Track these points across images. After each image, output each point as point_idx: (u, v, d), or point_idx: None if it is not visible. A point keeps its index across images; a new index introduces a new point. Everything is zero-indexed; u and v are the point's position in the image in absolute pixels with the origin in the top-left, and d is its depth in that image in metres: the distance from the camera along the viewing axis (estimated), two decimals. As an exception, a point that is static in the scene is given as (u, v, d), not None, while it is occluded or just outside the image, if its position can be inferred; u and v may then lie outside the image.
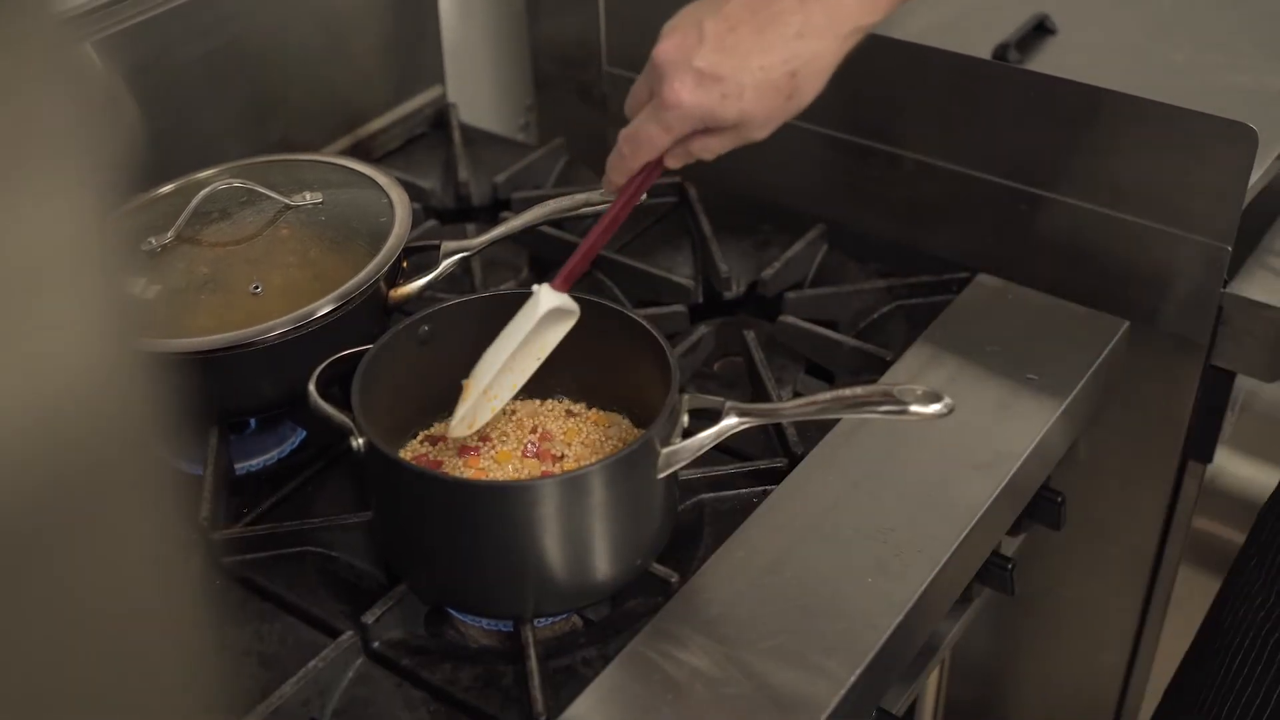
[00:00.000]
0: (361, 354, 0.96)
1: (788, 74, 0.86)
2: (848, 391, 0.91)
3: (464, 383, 0.97)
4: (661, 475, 0.91)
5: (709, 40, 0.85)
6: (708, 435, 0.91)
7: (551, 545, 0.90)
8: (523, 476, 0.98)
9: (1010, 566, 1.13)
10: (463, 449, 1.00)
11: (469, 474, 0.98)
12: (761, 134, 0.90)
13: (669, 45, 0.86)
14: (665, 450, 0.91)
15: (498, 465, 0.99)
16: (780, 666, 0.89)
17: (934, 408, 0.86)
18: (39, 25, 0.25)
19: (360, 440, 0.91)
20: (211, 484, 1.02)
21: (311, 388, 0.96)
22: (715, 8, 0.86)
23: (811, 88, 0.88)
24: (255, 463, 1.10)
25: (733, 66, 0.85)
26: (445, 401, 1.00)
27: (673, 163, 0.93)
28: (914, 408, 0.86)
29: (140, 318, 0.31)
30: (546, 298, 0.96)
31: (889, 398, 0.88)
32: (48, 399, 0.27)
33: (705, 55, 0.85)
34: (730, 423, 0.92)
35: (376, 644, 0.93)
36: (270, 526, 1.01)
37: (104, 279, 0.28)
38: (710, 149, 0.91)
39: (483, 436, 1.02)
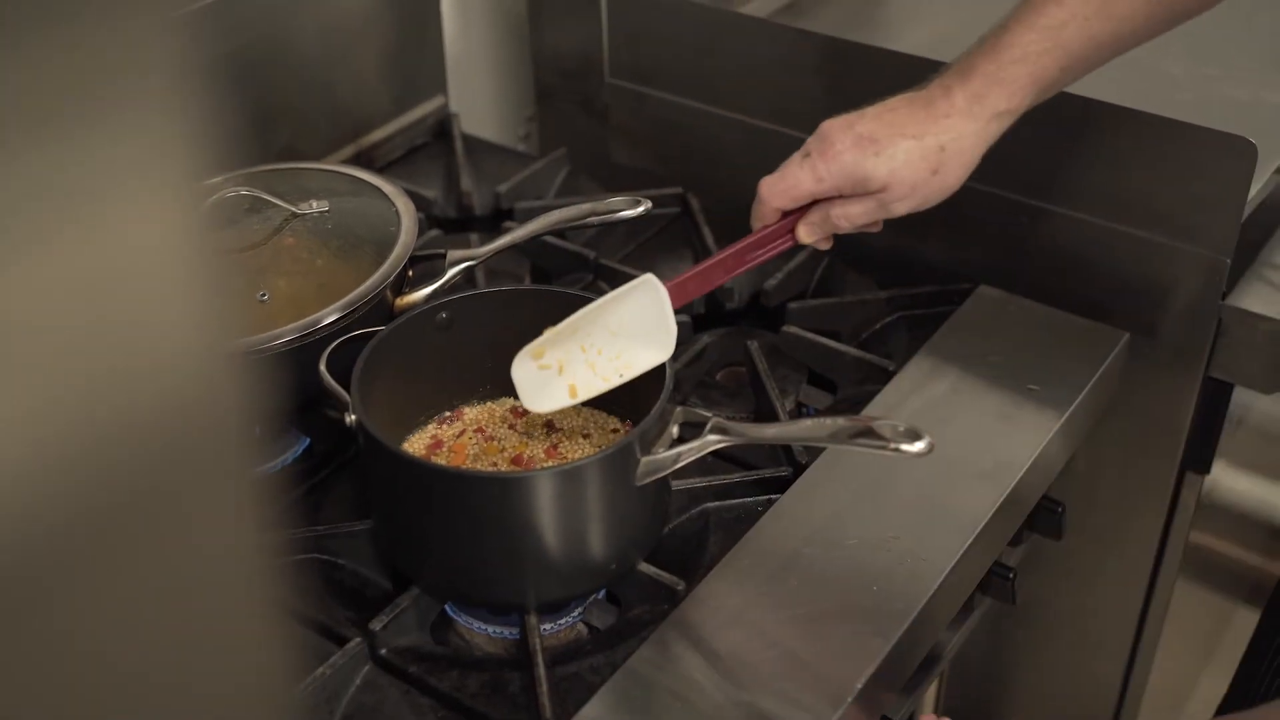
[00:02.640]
0: (373, 334, 0.98)
1: (936, 147, 0.97)
2: (829, 421, 0.91)
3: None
4: (640, 483, 0.92)
5: (869, 115, 0.98)
6: (687, 449, 0.92)
7: (523, 536, 0.91)
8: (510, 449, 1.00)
9: (1012, 576, 1.14)
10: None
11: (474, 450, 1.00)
12: (902, 207, 0.99)
13: (834, 120, 0.99)
14: (645, 459, 0.91)
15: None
16: (785, 675, 0.90)
17: (915, 446, 0.86)
18: (148, 17, 0.26)
19: (352, 417, 0.92)
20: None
21: (322, 367, 0.97)
22: (877, 102, 1.01)
23: (956, 165, 0.98)
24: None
25: (888, 134, 0.96)
26: (461, 392, 1.04)
27: (807, 234, 1.01)
28: (894, 445, 0.87)
29: (234, 317, 0.32)
30: (650, 282, 0.97)
31: (870, 432, 0.88)
32: (146, 399, 0.28)
33: (865, 124, 0.97)
34: (710, 439, 0.93)
35: (384, 651, 0.93)
36: (275, 534, 1.01)
37: (203, 277, 0.28)
38: (850, 216, 0.99)
39: (488, 435, 1.03)
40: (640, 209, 1.09)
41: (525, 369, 0.97)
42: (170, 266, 0.28)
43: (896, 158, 0.96)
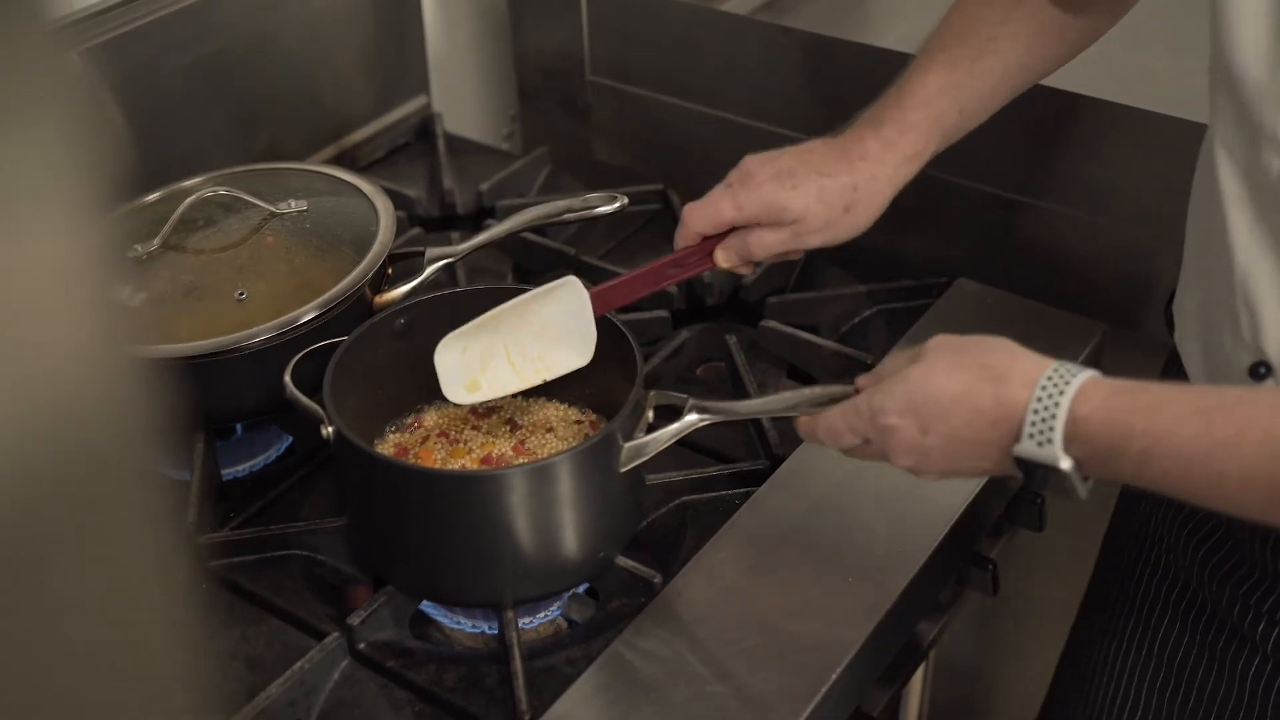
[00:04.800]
0: (336, 345, 0.98)
1: (850, 186, 1.00)
2: (807, 390, 0.91)
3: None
4: (624, 469, 0.92)
5: (789, 152, 1.02)
6: (669, 431, 0.93)
7: (513, 533, 0.92)
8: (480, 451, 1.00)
9: (992, 567, 1.14)
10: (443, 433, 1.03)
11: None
12: (814, 240, 1.02)
13: (755, 155, 1.03)
14: (628, 444, 0.92)
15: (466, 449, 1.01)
16: (760, 667, 0.90)
17: None
18: (32, 34, 0.26)
19: (329, 429, 0.92)
20: (198, 489, 1.03)
21: (287, 378, 0.97)
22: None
23: (868, 206, 1.02)
24: (242, 468, 1.11)
25: (805, 170, 1.00)
26: (420, 396, 1.03)
27: (724, 258, 1.04)
28: None
29: (131, 327, 0.32)
30: (572, 283, 0.99)
31: (847, 397, 0.88)
32: (44, 410, 0.28)
33: (785, 160, 1.01)
34: (691, 419, 0.93)
35: (362, 646, 0.94)
36: (256, 530, 1.02)
37: (99, 291, 0.29)
38: (765, 244, 1.02)
39: (453, 438, 1.03)
40: (616, 205, 1.10)
41: (448, 357, 0.99)
42: (65, 280, 0.29)
43: (811, 193, 1.00)
